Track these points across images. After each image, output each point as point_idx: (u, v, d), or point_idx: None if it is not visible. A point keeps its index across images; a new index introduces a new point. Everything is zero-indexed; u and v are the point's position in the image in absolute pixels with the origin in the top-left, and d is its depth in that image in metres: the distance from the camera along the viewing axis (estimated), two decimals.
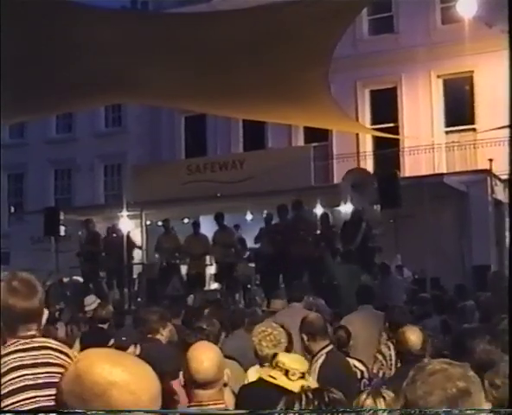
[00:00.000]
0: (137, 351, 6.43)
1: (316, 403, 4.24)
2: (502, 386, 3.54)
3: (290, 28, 11.57)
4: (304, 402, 4.12)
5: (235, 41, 11.71)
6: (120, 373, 1.96)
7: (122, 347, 6.13)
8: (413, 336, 5.83)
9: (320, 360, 6.30)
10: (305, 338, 6.52)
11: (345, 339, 7.53)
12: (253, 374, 5.50)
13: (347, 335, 7.63)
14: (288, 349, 5.45)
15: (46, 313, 3.52)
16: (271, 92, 13.78)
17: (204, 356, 4.10)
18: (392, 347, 6.80)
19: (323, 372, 6.16)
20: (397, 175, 16.59)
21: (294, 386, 4.52)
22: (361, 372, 6.93)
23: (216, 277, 18.93)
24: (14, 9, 9.04)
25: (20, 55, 10.52)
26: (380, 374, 6.89)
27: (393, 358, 6.77)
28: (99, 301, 10.74)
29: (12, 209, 31.14)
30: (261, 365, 5.32)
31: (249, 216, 20.80)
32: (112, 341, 6.55)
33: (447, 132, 25.17)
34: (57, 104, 15.66)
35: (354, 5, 12.34)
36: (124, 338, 6.44)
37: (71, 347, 7.38)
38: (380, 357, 7.13)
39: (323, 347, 6.43)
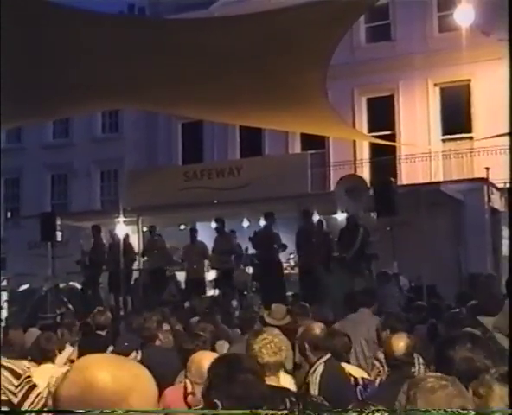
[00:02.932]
0: (139, 356, 6.43)
1: (300, 406, 4.27)
2: (484, 395, 3.54)
3: (287, 35, 11.58)
4: (288, 405, 4.15)
5: (232, 48, 11.71)
6: (135, 379, 1.99)
7: (124, 353, 6.14)
8: (398, 342, 5.85)
9: (319, 370, 6.32)
10: (307, 347, 6.56)
11: (348, 346, 7.52)
12: None
13: (350, 342, 7.62)
14: (288, 357, 5.46)
15: None
16: (268, 99, 13.79)
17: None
18: None
19: (324, 381, 6.18)
20: (392, 182, 16.61)
21: None
22: (355, 379, 6.93)
23: (213, 284, 18.95)
24: (12, 14, 9.04)
25: (18, 60, 10.52)
26: (378, 381, 6.89)
27: None
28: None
29: (8, 214, 31.09)
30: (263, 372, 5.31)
31: (246, 223, 20.79)
32: (111, 348, 6.55)
33: (444, 140, 25.22)
34: (54, 109, 15.65)
35: (351, 11, 12.36)
36: (126, 344, 6.44)
37: (60, 350, 7.38)
38: (377, 363, 7.13)
39: (321, 357, 6.45)
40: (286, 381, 5.74)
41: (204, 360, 4.25)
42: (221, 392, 3.14)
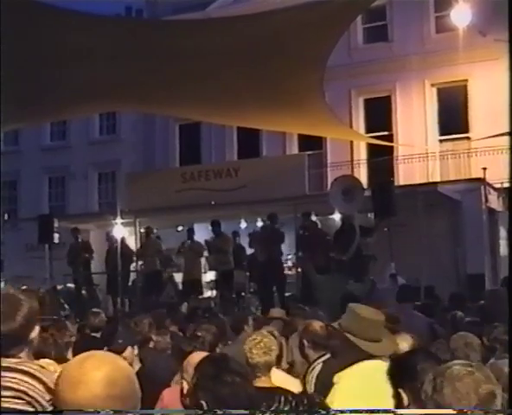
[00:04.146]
0: (135, 352, 6.41)
1: (293, 403, 4.25)
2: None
3: (284, 36, 11.58)
4: (282, 401, 4.14)
5: (230, 49, 11.71)
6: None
7: (118, 350, 6.14)
8: (403, 343, 5.84)
9: (317, 369, 6.30)
10: (306, 345, 6.57)
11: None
12: None
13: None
14: (279, 357, 5.43)
15: (35, 331, 3.27)
16: (265, 100, 13.79)
17: None
18: None
19: (321, 382, 6.16)
20: (393, 183, 16.62)
21: None
22: None
23: (211, 285, 18.94)
24: (11, 16, 9.04)
25: (17, 62, 10.51)
26: None
27: None
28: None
29: (6, 216, 31.04)
30: (253, 373, 5.30)
31: (243, 224, 20.78)
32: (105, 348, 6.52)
33: (441, 141, 25.21)
34: (53, 111, 15.64)
35: (348, 12, 12.37)
36: (120, 341, 6.43)
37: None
38: None
39: (320, 356, 6.44)
40: (289, 382, 5.75)
41: None
42: (208, 392, 3.13)
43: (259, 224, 18.67)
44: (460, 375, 2.72)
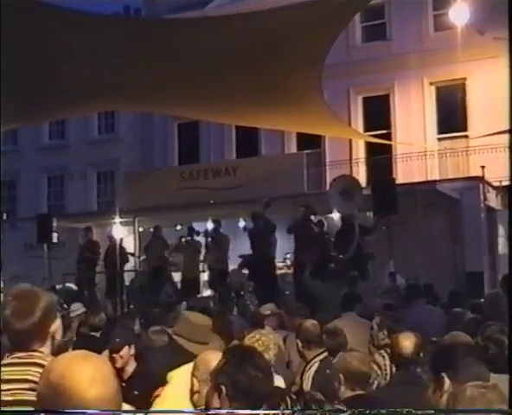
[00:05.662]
0: (132, 351, 6.40)
1: (301, 402, 4.27)
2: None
3: (283, 34, 11.57)
4: (289, 402, 4.15)
5: (228, 47, 11.70)
6: None
7: (116, 349, 6.16)
8: (406, 341, 5.82)
9: (313, 368, 6.31)
10: (300, 344, 6.58)
11: (344, 344, 7.48)
12: None
13: (345, 340, 7.58)
14: (277, 356, 5.44)
15: (56, 323, 3.28)
16: (264, 99, 13.78)
17: None
18: (386, 356, 6.75)
19: (317, 380, 6.17)
20: (394, 181, 16.60)
21: None
22: None
23: (209, 284, 18.92)
24: (11, 16, 9.03)
25: (15, 61, 10.50)
26: (375, 384, 6.84)
27: (388, 368, 6.73)
28: (83, 308, 10.70)
29: (5, 216, 31.02)
30: None
31: (242, 223, 20.77)
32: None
33: (440, 139, 25.22)
34: (52, 110, 15.63)
35: (346, 11, 12.35)
36: (117, 339, 6.43)
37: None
38: (374, 367, 7.07)
39: (317, 355, 6.44)
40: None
41: (214, 360, 4.24)
42: (229, 378, 3.21)
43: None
44: (473, 397, 2.72)
